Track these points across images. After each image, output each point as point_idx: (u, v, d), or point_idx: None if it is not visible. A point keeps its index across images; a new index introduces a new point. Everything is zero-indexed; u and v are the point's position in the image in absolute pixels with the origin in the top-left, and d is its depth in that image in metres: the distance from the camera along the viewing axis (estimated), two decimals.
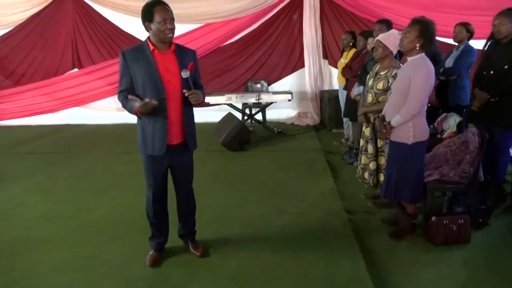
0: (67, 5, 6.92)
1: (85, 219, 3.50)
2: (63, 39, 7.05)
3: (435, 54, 4.69)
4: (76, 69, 7.17)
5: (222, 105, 6.35)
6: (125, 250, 2.99)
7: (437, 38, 5.55)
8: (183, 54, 2.53)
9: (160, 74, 2.43)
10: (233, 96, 6.08)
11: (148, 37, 2.49)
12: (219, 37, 6.80)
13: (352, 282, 2.55)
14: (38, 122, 7.17)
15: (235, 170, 4.73)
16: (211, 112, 6.51)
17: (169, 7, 2.43)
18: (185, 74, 2.42)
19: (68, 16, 6.96)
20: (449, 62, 4.37)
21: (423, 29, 2.73)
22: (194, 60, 2.58)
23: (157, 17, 2.36)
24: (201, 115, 6.63)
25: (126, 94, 2.46)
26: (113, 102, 7.28)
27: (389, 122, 2.89)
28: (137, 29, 6.85)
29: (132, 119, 2.60)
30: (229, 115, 5.85)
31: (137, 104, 2.37)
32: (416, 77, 2.73)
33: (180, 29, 6.75)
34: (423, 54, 2.80)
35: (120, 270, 2.74)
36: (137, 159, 4.96)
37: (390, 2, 6.45)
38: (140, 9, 7.18)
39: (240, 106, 6.45)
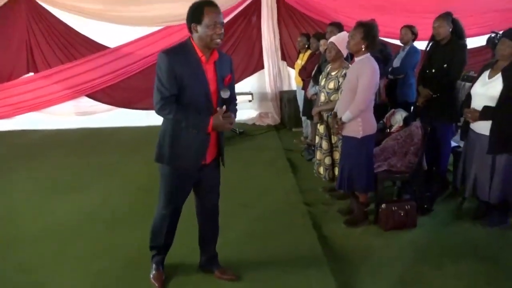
0: (19, 8, 6.71)
1: (48, 220, 3.50)
2: (17, 42, 6.84)
3: (387, 54, 5.05)
4: (31, 73, 6.98)
5: None
6: (91, 246, 3.04)
7: (388, 39, 5.99)
8: (221, 63, 2.26)
9: (209, 86, 2.18)
10: None
11: (191, 38, 2.19)
12: (179, 40, 6.83)
13: (310, 266, 2.73)
14: None
15: None
16: None
17: (219, 9, 2.14)
18: (225, 94, 2.20)
19: (21, 19, 6.76)
20: (396, 62, 4.70)
21: (367, 32, 2.97)
22: (231, 69, 2.32)
23: (207, 20, 2.08)
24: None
25: (174, 104, 2.13)
26: (73, 106, 7.17)
27: (340, 118, 3.11)
28: (95, 32, 6.83)
29: (94, 123, 2.56)
30: None
31: (215, 122, 2.12)
32: (362, 76, 2.97)
33: (139, 32, 6.77)
34: (368, 54, 3.04)
35: (88, 264, 2.79)
36: (100, 162, 5.07)
37: (343, 5, 6.78)
38: (98, 11, 7.12)
39: None
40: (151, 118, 7.13)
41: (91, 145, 6.03)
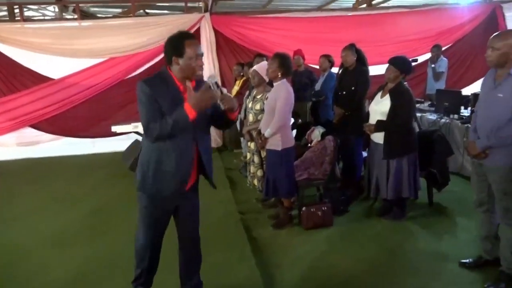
0: None
1: None
2: None
3: (313, 79, 5.74)
4: None
5: (129, 134, 6.69)
6: (35, 267, 3.24)
7: (315, 66, 6.73)
8: (199, 89, 2.22)
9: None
10: (139, 124, 6.45)
11: (168, 69, 2.21)
12: (122, 70, 7.16)
13: (240, 262, 3.17)
14: None
15: None
16: (119, 141, 6.77)
17: (198, 41, 2.23)
18: (213, 79, 2.22)
19: None
20: (317, 86, 5.40)
21: (282, 61, 3.55)
22: None
23: (189, 52, 2.12)
24: (109, 145, 6.93)
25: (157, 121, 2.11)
26: (14, 137, 7.19)
27: (263, 134, 3.63)
28: (38, 65, 7.00)
29: (38, 153, 2.67)
30: (136, 141, 6.23)
31: (192, 100, 2.05)
32: (279, 98, 3.52)
33: (83, 63, 7.03)
34: (284, 80, 3.61)
35: (34, 282, 3.01)
36: (47, 189, 5.21)
37: (277, 37, 7.53)
38: (44, 45, 7.38)
39: None
40: (96, 146, 7.36)
41: (35, 174, 6.12)
